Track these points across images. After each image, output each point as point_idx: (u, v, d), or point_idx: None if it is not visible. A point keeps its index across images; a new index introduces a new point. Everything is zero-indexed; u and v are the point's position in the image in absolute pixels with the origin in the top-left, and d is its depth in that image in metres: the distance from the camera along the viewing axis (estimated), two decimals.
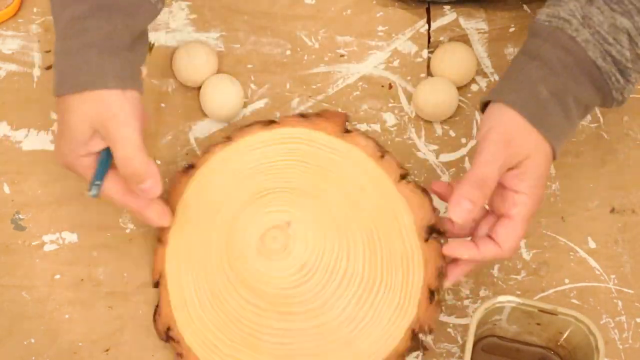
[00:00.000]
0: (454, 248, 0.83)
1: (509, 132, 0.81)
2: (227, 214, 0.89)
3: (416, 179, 0.96)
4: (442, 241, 0.86)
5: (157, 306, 0.90)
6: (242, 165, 0.91)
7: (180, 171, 0.94)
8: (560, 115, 0.83)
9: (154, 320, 0.89)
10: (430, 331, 0.84)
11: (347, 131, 0.92)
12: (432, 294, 0.84)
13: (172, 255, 0.90)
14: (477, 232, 0.85)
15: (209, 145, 0.94)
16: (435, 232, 0.86)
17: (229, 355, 0.86)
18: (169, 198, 0.92)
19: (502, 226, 0.82)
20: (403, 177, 0.89)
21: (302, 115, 0.94)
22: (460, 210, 0.80)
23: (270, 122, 0.93)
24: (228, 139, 0.94)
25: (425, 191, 0.88)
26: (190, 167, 0.93)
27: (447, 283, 0.86)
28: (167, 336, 0.87)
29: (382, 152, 0.90)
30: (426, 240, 0.86)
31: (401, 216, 0.87)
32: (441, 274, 0.85)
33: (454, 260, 0.86)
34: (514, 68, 0.85)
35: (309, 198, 0.88)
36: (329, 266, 0.85)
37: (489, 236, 0.83)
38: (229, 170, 0.91)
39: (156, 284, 0.90)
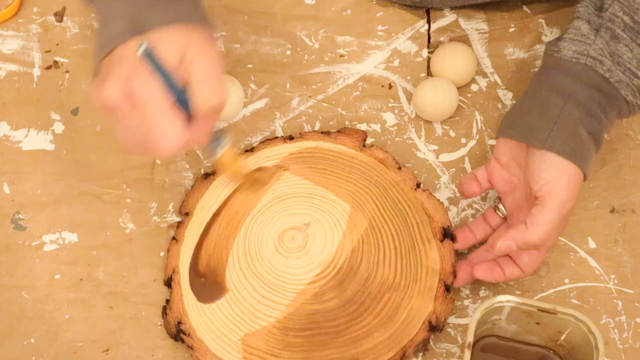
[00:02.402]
0: (485, 274, 0.89)
1: (571, 186, 0.85)
2: (246, 216, 0.93)
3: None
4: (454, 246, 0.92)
5: (167, 301, 0.90)
6: (262, 174, 0.95)
7: (201, 177, 0.96)
8: (594, 149, 0.88)
9: (164, 315, 0.90)
10: (444, 322, 0.88)
11: (365, 147, 0.97)
12: (447, 289, 0.89)
13: (187, 252, 0.92)
14: (491, 241, 0.90)
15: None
16: (449, 234, 0.91)
17: (242, 349, 0.87)
18: (187, 201, 0.94)
19: (528, 254, 0.88)
20: (418, 185, 0.94)
21: (323, 132, 0.98)
22: (506, 247, 0.85)
23: (292, 138, 0.98)
24: (251, 151, 0.97)
25: (438, 199, 0.94)
26: (211, 174, 0.96)
27: (457, 283, 0.90)
28: (178, 330, 0.88)
29: (399, 164, 0.95)
30: (441, 240, 0.90)
31: (419, 218, 0.92)
32: (454, 271, 0.90)
33: (466, 263, 0.91)
34: (548, 109, 0.87)
35: (329, 201, 0.93)
36: (348, 263, 0.90)
37: (511, 258, 0.89)
38: (249, 177, 0.95)
39: (168, 281, 0.91)
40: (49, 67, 1.02)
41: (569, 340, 0.84)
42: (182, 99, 0.76)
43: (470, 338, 0.80)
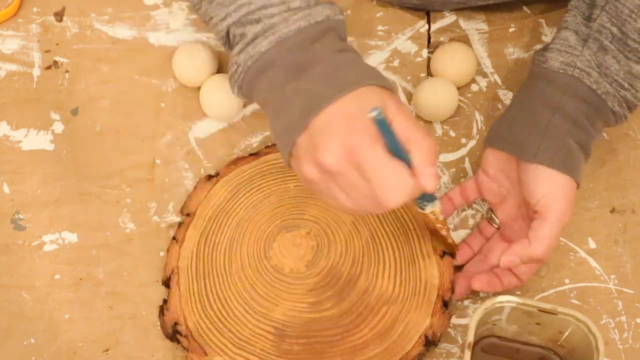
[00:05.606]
0: (483, 286, 0.89)
1: (567, 196, 0.85)
2: (248, 220, 0.93)
3: None
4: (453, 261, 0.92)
5: (164, 301, 0.90)
6: (267, 179, 0.95)
7: (204, 178, 0.95)
8: (583, 159, 0.88)
9: (161, 315, 0.90)
10: (440, 338, 0.88)
11: None
12: (445, 305, 0.89)
13: (188, 253, 0.92)
14: (490, 256, 0.92)
15: (236, 158, 0.97)
16: (449, 250, 0.91)
17: (237, 354, 0.87)
18: (189, 202, 0.94)
19: (525, 265, 0.88)
20: None
21: None
22: (509, 262, 0.85)
23: None
24: (255, 154, 0.96)
25: None
26: (214, 176, 0.95)
27: (455, 298, 0.91)
28: (174, 331, 0.88)
29: None
30: (441, 256, 0.90)
31: (421, 233, 0.92)
32: (453, 287, 0.90)
33: (462, 276, 0.91)
34: (536, 121, 0.87)
35: (331, 210, 0.92)
36: (347, 274, 0.89)
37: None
38: (254, 182, 0.95)
39: (166, 281, 0.91)
40: (48, 67, 1.02)
41: (569, 340, 0.84)
42: (398, 150, 0.75)
43: (470, 338, 0.80)
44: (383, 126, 0.73)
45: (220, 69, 1.02)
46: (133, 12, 1.05)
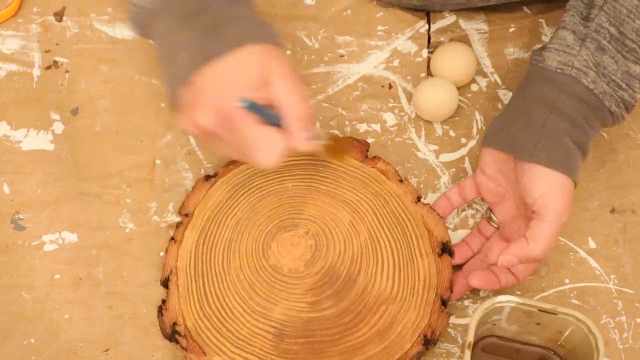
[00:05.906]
0: (481, 283, 0.89)
1: (565, 196, 0.85)
2: (247, 220, 0.93)
3: (416, 179, 0.97)
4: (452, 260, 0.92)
5: (163, 301, 0.90)
6: (265, 179, 0.95)
7: (202, 178, 0.95)
8: (581, 158, 0.88)
9: (160, 315, 0.90)
10: (439, 337, 0.88)
11: (367, 158, 0.97)
12: (444, 304, 0.89)
13: (186, 253, 0.92)
14: (490, 255, 0.91)
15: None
16: (447, 249, 0.91)
17: (236, 354, 0.87)
18: (188, 202, 0.94)
19: (523, 264, 0.87)
20: (419, 199, 0.94)
21: None
22: (507, 262, 0.85)
23: None
24: None
25: (438, 214, 0.93)
26: (213, 176, 0.95)
27: (454, 296, 0.91)
28: (173, 331, 0.88)
29: (401, 177, 0.95)
30: (440, 255, 0.90)
31: (419, 232, 0.92)
32: (451, 286, 0.90)
33: (462, 275, 0.91)
34: (533, 120, 0.87)
35: (329, 210, 0.93)
36: (346, 273, 0.90)
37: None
38: (252, 182, 0.95)
39: (165, 281, 0.91)
40: (48, 67, 1.02)
41: (569, 340, 0.84)
42: (273, 119, 0.80)
43: (470, 338, 0.80)
44: (253, 109, 0.77)
45: None
46: None
